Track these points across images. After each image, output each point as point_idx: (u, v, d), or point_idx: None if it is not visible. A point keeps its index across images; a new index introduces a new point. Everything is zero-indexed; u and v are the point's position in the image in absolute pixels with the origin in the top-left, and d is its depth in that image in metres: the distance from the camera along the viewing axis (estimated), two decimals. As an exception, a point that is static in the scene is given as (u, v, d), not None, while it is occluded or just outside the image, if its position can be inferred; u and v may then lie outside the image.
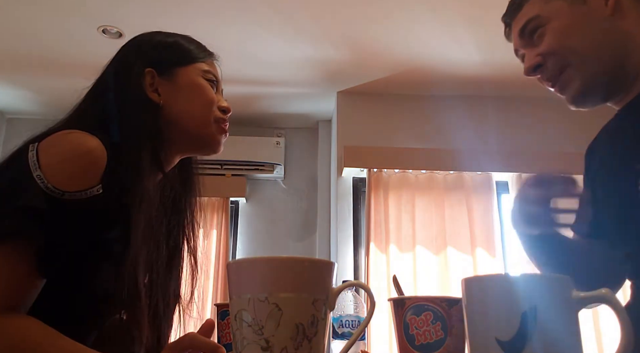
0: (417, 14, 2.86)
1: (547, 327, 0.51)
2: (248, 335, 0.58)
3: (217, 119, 1.11)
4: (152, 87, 1.06)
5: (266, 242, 3.82)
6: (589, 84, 1.02)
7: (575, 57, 1.01)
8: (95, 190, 0.90)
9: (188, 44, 1.14)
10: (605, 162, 1.08)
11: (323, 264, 0.63)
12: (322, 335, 0.60)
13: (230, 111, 1.14)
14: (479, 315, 0.54)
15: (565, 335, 0.52)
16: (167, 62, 1.09)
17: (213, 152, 1.13)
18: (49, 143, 0.91)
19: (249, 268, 0.61)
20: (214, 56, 1.17)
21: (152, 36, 1.14)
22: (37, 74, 3.42)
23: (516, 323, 0.51)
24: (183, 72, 1.09)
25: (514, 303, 0.51)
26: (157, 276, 1.05)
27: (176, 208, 1.13)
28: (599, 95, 1.05)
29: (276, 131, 4.03)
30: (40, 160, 0.88)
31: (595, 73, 1.01)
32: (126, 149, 0.97)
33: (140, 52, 1.10)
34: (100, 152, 0.92)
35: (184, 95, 1.08)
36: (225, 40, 3.03)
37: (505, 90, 3.56)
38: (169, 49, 1.11)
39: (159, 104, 1.06)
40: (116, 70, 1.09)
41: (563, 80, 1.04)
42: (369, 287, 0.66)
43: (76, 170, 0.89)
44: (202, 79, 1.10)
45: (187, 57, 1.11)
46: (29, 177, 0.86)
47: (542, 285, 0.53)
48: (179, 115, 1.07)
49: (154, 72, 1.07)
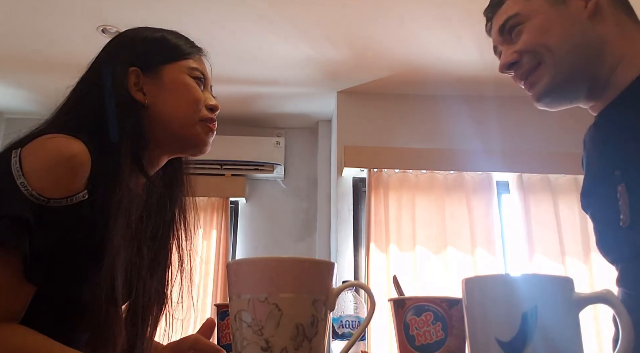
0: (417, 14, 2.85)
1: (547, 328, 0.51)
2: (248, 335, 0.58)
3: (203, 118, 1.08)
4: (137, 86, 1.04)
5: (266, 242, 3.82)
6: (557, 82, 1.02)
7: (549, 55, 1.01)
8: (81, 196, 0.89)
9: (175, 39, 1.11)
10: (589, 168, 1.09)
11: (323, 264, 0.63)
12: (322, 336, 0.60)
13: (218, 109, 1.11)
14: (479, 316, 0.54)
15: (566, 336, 0.52)
16: (153, 59, 1.06)
17: (200, 153, 1.10)
18: (32, 149, 0.89)
19: (249, 268, 0.61)
20: (202, 52, 1.14)
21: (138, 32, 1.11)
22: (37, 73, 3.42)
23: (517, 323, 0.51)
24: (169, 70, 1.06)
25: (515, 304, 0.51)
26: (137, 279, 1.03)
27: (161, 210, 1.10)
28: (566, 96, 1.05)
29: (276, 131, 4.02)
30: (24, 166, 0.86)
31: (566, 73, 1.01)
32: (108, 151, 0.95)
33: (126, 49, 1.07)
34: (84, 156, 0.90)
35: (169, 95, 1.05)
36: (225, 39, 3.03)
37: (506, 90, 3.55)
38: (155, 45, 1.09)
39: (143, 104, 1.03)
40: (100, 69, 1.06)
41: (534, 76, 1.05)
42: (369, 288, 0.66)
43: (61, 177, 0.87)
44: (188, 78, 1.07)
45: (174, 53, 1.08)
46: (12, 184, 0.85)
47: (543, 286, 0.52)
48: (164, 115, 1.04)
49: (138, 71, 1.04)
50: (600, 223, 1.04)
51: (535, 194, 3.41)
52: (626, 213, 0.92)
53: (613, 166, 0.97)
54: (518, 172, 3.44)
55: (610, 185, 0.96)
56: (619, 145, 0.99)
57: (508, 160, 3.43)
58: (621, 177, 0.95)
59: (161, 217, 1.11)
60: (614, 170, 0.96)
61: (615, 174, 0.96)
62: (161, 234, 1.10)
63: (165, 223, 1.11)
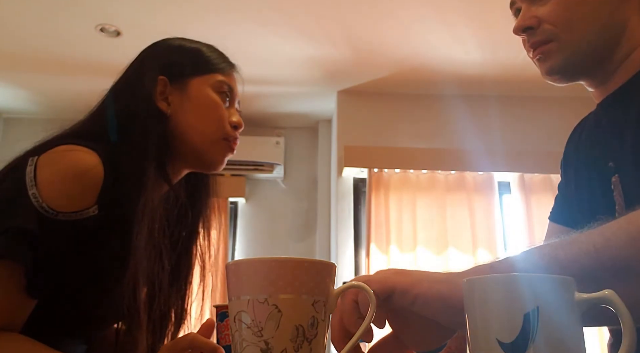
0: (418, 13, 2.85)
1: (549, 329, 0.50)
2: (247, 336, 0.58)
3: (226, 137, 1.08)
4: (163, 96, 1.04)
5: (266, 242, 3.82)
6: (571, 61, 0.97)
7: (567, 33, 0.95)
8: (91, 211, 0.89)
9: (209, 52, 1.11)
10: (580, 156, 1.06)
11: (323, 265, 0.63)
12: (322, 337, 0.60)
13: (242, 126, 1.11)
14: (480, 317, 0.53)
15: (568, 337, 0.51)
16: (182, 70, 1.06)
17: (213, 170, 1.12)
18: (49, 160, 0.89)
19: (249, 269, 0.60)
20: (234, 68, 1.14)
21: (174, 41, 1.12)
22: (35, 73, 3.41)
23: (518, 324, 0.50)
24: (195, 83, 1.06)
25: (516, 305, 0.51)
26: (159, 289, 1.03)
27: (182, 219, 1.10)
28: (576, 75, 1.00)
29: (276, 131, 4.02)
30: (38, 177, 0.87)
31: (582, 53, 0.96)
32: (130, 160, 0.95)
33: (158, 57, 1.08)
34: (98, 171, 0.90)
35: (192, 108, 1.05)
36: (225, 38, 3.01)
37: (507, 89, 3.55)
38: (188, 55, 1.09)
39: (166, 114, 1.03)
40: (129, 75, 1.07)
41: (545, 51, 0.98)
42: (369, 288, 0.66)
43: (72, 192, 0.88)
44: (213, 93, 1.07)
45: (204, 65, 1.08)
46: (24, 194, 0.85)
47: (545, 286, 0.52)
48: (185, 127, 1.04)
49: (166, 81, 1.05)
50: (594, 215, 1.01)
51: (537, 194, 3.41)
52: (621, 205, 0.90)
53: (607, 157, 0.95)
54: (520, 172, 3.44)
55: (603, 176, 0.94)
56: (615, 135, 0.95)
57: (510, 160, 3.43)
58: (615, 169, 0.92)
59: (182, 227, 1.10)
60: (607, 161, 0.94)
61: (609, 165, 0.94)
62: (182, 244, 1.10)
63: (187, 233, 1.11)
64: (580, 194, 1.05)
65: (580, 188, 1.04)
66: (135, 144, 0.98)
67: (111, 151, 0.94)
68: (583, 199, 1.03)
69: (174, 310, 1.09)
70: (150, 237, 0.96)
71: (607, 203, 0.93)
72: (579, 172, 1.06)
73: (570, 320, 0.52)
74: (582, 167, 1.06)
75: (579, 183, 1.05)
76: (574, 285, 0.53)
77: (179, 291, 1.10)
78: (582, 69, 0.99)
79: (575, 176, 1.07)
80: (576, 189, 1.06)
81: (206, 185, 1.17)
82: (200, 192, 1.15)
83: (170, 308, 1.07)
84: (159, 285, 1.03)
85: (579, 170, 1.06)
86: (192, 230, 1.13)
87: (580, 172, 1.06)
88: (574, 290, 0.53)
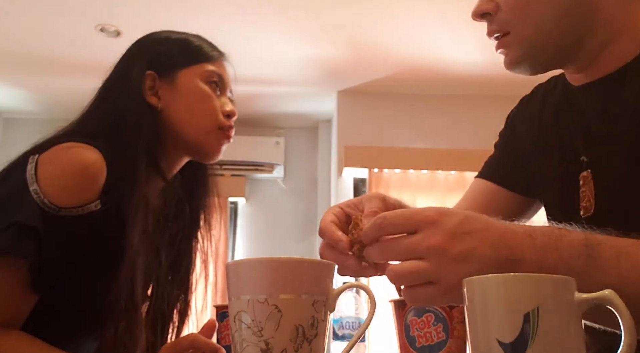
0: (418, 13, 2.85)
1: (549, 329, 0.50)
2: (247, 336, 0.58)
3: (220, 126, 1.07)
4: (152, 90, 1.04)
5: (266, 242, 3.82)
6: (531, 52, 0.88)
7: (521, 24, 0.87)
8: (93, 206, 0.89)
9: (197, 41, 1.11)
10: (543, 134, 1.00)
11: (323, 265, 0.63)
12: (322, 337, 0.60)
13: (235, 115, 1.10)
14: (480, 317, 0.53)
15: (568, 337, 0.51)
16: (169, 62, 1.06)
17: (211, 160, 1.10)
18: (49, 157, 0.90)
19: (248, 269, 0.60)
20: (223, 56, 1.13)
21: (160, 33, 1.12)
22: (34, 73, 3.42)
23: (518, 324, 0.50)
24: (184, 75, 1.06)
25: (516, 305, 0.51)
26: (156, 284, 1.03)
27: (180, 214, 1.10)
28: (548, 65, 0.91)
29: (276, 131, 4.02)
30: (39, 174, 0.87)
31: (542, 42, 0.87)
32: (123, 156, 0.95)
33: (145, 51, 1.08)
34: (99, 166, 0.91)
35: (183, 101, 1.05)
36: (225, 38, 3.01)
37: (506, 89, 3.55)
38: (176, 46, 1.09)
39: (157, 108, 1.03)
40: (118, 71, 1.07)
41: (504, 45, 0.91)
42: (370, 288, 0.66)
43: (73, 187, 0.88)
44: (202, 84, 1.06)
45: (192, 56, 1.08)
46: (25, 191, 0.85)
47: (545, 286, 0.52)
48: (177, 120, 1.04)
49: (154, 75, 1.04)
50: (559, 209, 0.95)
51: (536, 194, 3.40)
52: (590, 202, 0.86)
53: (579, 150, 0.89)
54: (519, 172, 3.43)
55: (572, 171, 0.89)
56: (591, 127, 0.89)
57: (509, 160, 3.42)
58: (587, 164, 0.87)
59: (180, 221, 1.10)
60: (579, 155, 0.89)
61: (581, 159, 0.88)
62: (181, 239, 1.10)
63: (185, 227, 1.11)
64: (545, 187, 0.99)
65: (547, 180, 0.99)
66: (127, 140, 0.98)
67: (107, 148, 0.94)
68: (551, 192, 0.98)
69: (178, 304, 1.08)
70: (145, 232, 0.96)
71: (572, 202, 0.88)
72: (539, 151, 1.00)
73: (570, 320, 0.52)
74: (545, 151, 0.98)
75: (541, 169, 0.99)
76: (574, 285, 0.53)
77: (180, 285, 1.10)
78: (552, 60, 0.91)
79: (535, 153, 1.01)
80: (539, 174, 1.00)
81: (203, 179, 1.16)
82: (197, 187, 1.15)
83: (172, 303, 1.07)
84: (157, 280, 1.03)
85: (541, 153, 0.99)
86: (192, 224, 1.13)
87: (542, 157, 0.99)
88: (574, 290, 0.53)
